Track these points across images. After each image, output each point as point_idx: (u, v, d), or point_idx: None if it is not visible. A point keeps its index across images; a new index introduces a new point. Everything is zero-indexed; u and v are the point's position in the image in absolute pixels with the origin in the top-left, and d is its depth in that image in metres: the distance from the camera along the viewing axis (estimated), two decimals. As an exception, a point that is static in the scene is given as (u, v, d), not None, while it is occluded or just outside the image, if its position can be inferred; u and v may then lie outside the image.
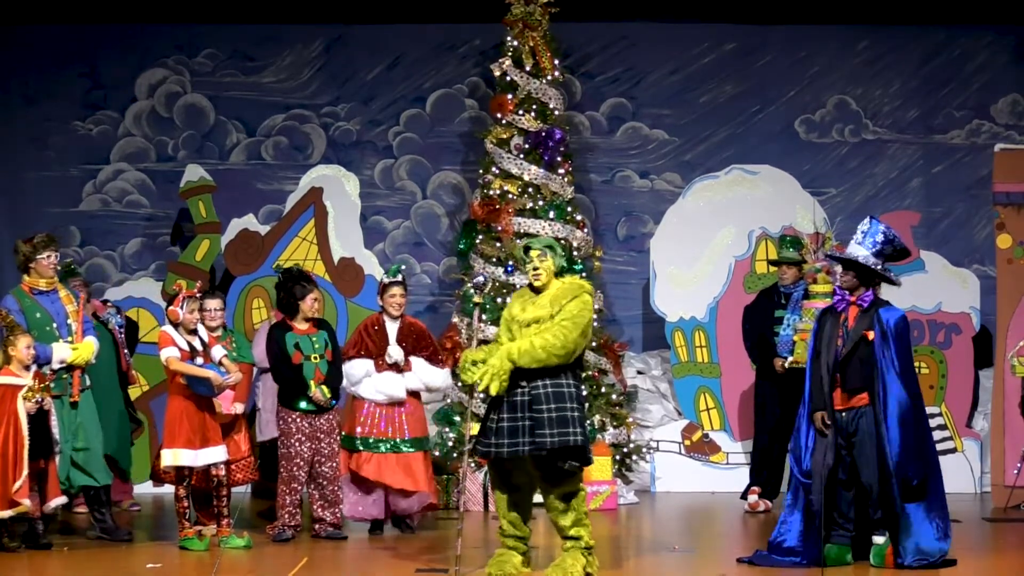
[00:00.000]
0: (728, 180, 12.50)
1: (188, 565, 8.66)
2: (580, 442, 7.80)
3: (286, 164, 13.22)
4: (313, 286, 9.62)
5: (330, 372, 9.53)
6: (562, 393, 7.84)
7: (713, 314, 12.29)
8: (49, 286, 9.38)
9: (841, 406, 8.28)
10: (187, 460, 9.06)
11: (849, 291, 8.34)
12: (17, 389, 8.94)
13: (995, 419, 11.35)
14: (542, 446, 7.77)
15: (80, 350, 9.29)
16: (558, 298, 7.91)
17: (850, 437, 8.23)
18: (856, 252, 8.30)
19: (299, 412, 9.47)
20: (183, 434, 9.05)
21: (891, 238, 8.32)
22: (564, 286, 7.98)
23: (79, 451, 9.24)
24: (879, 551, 8.25)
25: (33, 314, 9.26)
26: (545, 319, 7.86)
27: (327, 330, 9.66)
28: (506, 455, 7.88)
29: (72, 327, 9.35)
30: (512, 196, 11.74)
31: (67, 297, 9.43)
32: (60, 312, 9.35)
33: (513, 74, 11.86)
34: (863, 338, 8.23)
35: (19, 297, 9.33)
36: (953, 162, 13.25)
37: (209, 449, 9.12)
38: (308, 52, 13.31)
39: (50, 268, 9.38)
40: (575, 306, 7.87)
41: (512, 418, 7.84)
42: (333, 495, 9.55)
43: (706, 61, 13.33)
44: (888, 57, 13.29)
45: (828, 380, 8.28)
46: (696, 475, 12.23)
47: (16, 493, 8.84)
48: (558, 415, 7.79)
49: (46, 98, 13.21)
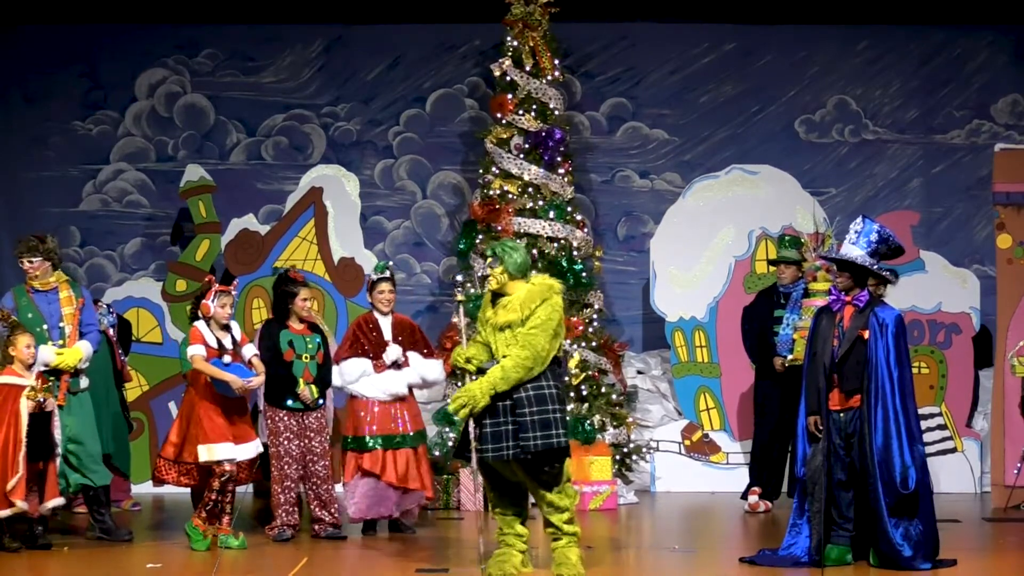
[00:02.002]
0: (728, 180, 12.50)
1: (188, 565, 8.65)
2: (563, 444, 7.85)
3: (286, 164, 13.22)
4: (303, 286, 9.59)
5: (319, 374, 9.54)
6: (543, 396, 7.88)
7: (713, 314, 12.29)
8: (44, 287, 9.30)
9: (839, 407, 8.25)
10: (225, 454, 9.01)
11: (845, 291, 8.32)
12: (19, 389, 8.92)
13: (995, 419, 11.34)
14: (526, 449, 7.81)
15: (65, 355, 9.15)
16: (527, 302, 7.92)
17: (849, 438, 8.21)
18: (851, 252, 8.26)
19: (286, 410, 9.46)
20: (216, 429, 9.03)
21: (885, 236, 8.30)
22: (533, 288, 7.97)
23: (72, 453, 9.22)
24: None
25: (25, 314, 9.19)
26: (516, 324, 7.90)
27: (321, 335, 9.66)
28: (491, 459, 7.93)
29: (65, 330, 9.24)
30: (512, 196, 11.74)
31: (67, 299, 9.31)
32: (55, 314, 9.26)
33: (513, 74, 11.86)
34: (859, 338, 8.21)
35: (17, 295, 9.30)
36: (953, 162, 13.25)
37: (243, 445, 9.11)
38: (308, 52, 13.31)
39: (29, 271, 9.26)
40: (544, 311, 7.89)
41: (495, 423, 7.89)
42: (327, 495, 9.54)
43: (706, 61, 13.33)
44: (888, 57, 13.29)
45: (824, 382, 8.26)
46: (696, 475, 12.23)
47: (11, 493, 8.82)
48: (540, 418, 7.83)
49: (46, 98, 13.21)
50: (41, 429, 8.96)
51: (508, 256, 7.98)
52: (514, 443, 7.81)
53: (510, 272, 7.98)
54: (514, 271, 7.98)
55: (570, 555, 7.98)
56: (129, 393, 11.68)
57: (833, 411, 8.26)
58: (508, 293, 8.00)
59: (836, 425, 8.24)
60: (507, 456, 7.85)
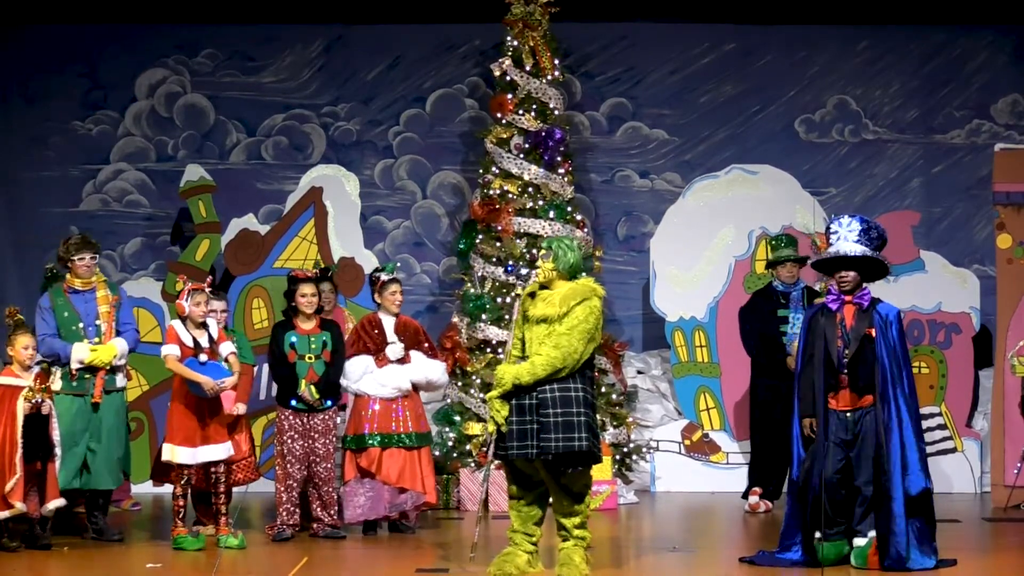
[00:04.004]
0: (728, 180, 12.50)
1: (188, 565, 8.66)
2: (585, 447, 7.82)
3: (286, 164, 13.21)
4: (304, 282, 9.60)
5: (325, 373, 9.54)
6: (569, 398, 7.87)
7: (713, 314, 12.29)
8: (86, 286, 9.48)
9: (849, 406, 8.21)
10: (184, 458, 9.06)
11: (849, 291, 8.29)
12: (16, 390, 8.93)
13: (995, 419, 11.35)
14: (547, 450, 7.81)
15: (100, 352, 9.34)
16: (567, 298, 7.94)
17: (856, 437, 8.16)
18: (856, 250, 8.22)
19: (291, 410, 9.51)
20: (182, 431, 9.07)
21: (874, 225, 8.30)
22: (576, 287, 8.00)
23: (92, 452, 9.28)
24: (861, 552, 8.16)
25: (62, 312, 9.41)
26: (553, 318, 7.90)
27: (332, 332, 9.65)
28: (515, 457, 7.94)
29: (101, 328, 9.43)
30: (512, 196, 11.74)
31: (103, 298, 9.51)
32: (91, 312, 9.45)
33: (513, 74, 11.86)
34: (867, 336, 8.17)
35: (53, 295, 9.50)
36: (953, 162, 13.25)
37: (209, 447, 9.12)
38: (308, 52, 13.31)
39: (85, 270, 9.49)
40: (582, 311, 7.89)
41: (521, 421, 7.90)
42: (328, 496, 9.55)
43: (706, 61, 13.33)
44: (888, 57, 13.29)
45: (821, 384, 8.23)
46: (696, 475, 12.23)
47: (10, 495, 8.82)
48: (564, 420, 7.82)
49: (46, 98, 13.20)
50: (39, 430, 8.97)
51: (563, 254, 8.02)
52: (537, 443, 7.82)
53: (559, 269, 8.01)
54: (564, 269, 8.03)
55: (574, 556, 7.97)
56: (129, 393, 11.66)
57: (839, 411, 8.21)
58: (551, 288, 8.02)
59: (842, 424, 8.19)
60: (531, 455, 7.85)
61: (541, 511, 8.18)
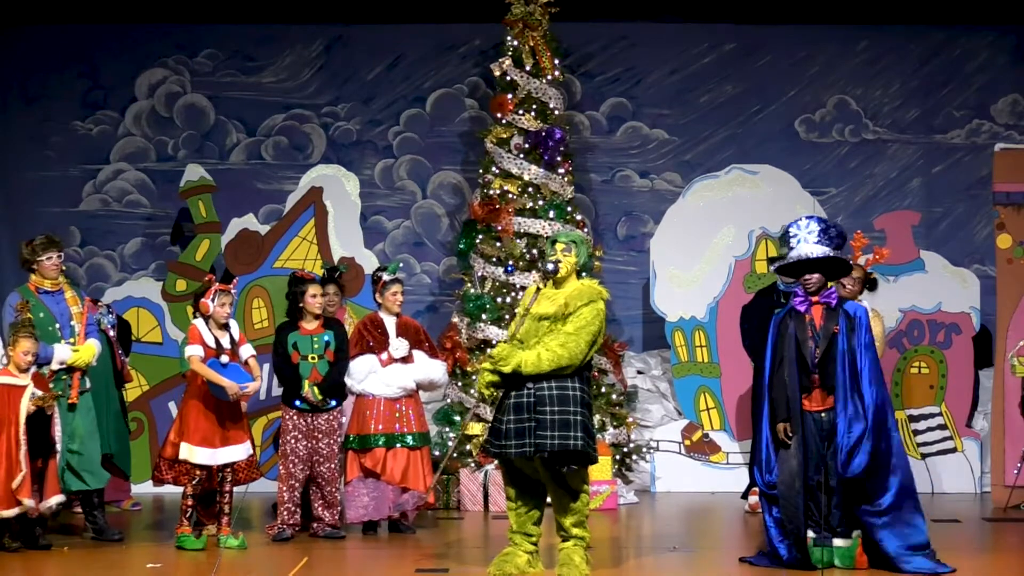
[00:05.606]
0: (728, 180, 12.50)
1: (188, 565, 8.66)
2: (580, 446, 7.83)
3: (286, 164, 13.22)
4: (310, 283, 9.60)
5: (328, 373, 9.54)
6: (567, 396, 7.88)
7: (713, 314, 12.29)
8: (54, 287, 9.39)
9: (820, 406, 8.18)
10: (203, 458, 9.01)
11: (815, 292, 8.28)
12: (15, 389, 8.92)
13: (995, 419, 11.35)
14: (543, 448, 7.82)
15: (81, 352, 9.28)
16: (573, 298, 7.96)
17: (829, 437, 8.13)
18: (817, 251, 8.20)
19: (295, 410, 9.51)
20: (200, 431, 9.02)
21: (832, 224, 8.34)
22: (582, 287, 8.04)
23: (73, 454, 9.23)
24: (847, 552, 8.12)
25: (37, 313, 9.26)
26: (557, 316, 7.92)
27: (336, 331, 9.65)
28: (513, 456, 7.93)
29: (75, 328, 9.35)
30: (512, 196, 11.74)
31: (73, 298, 9.43)
32: (64, 313, 9.36)
33: (513, 74, 11.86)
34: (834, 335, 8.19)
35: (24, 295, 9.33)
36: (953, 162, 13.25)
37: (229, 448, 9.09)
38: (308, 52, 13.31)
39: (53, 269, 9.38)
40: (588, 313, 7.92)
41: (519, 419, 7.90)
42: (331, 496, 9.55)
43: (706, 61, 13.33)
44: (888, 57, 13.29)
45: (796, 386, 8.18)
46: (696, 475, 12.23)
47: (17, 491, 8.82)
48: (560, 418, 7.83)
49: (46, 98, 13.21)
50: (40, 427, 8.97)
51: (580, 250, 8.11)
52: (533, 441, 7.83)
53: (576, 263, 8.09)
54: (579, 265, 8.13)
55: (574, 556, 7.98)
56: (129, 393, 11.69)
57: (813, 412, 8.19)
58: (560, 287, 8.04)
59: (817, 426, 8.17)
60: (529, 453, 7.86)
61: (539, 511, 8.18)
